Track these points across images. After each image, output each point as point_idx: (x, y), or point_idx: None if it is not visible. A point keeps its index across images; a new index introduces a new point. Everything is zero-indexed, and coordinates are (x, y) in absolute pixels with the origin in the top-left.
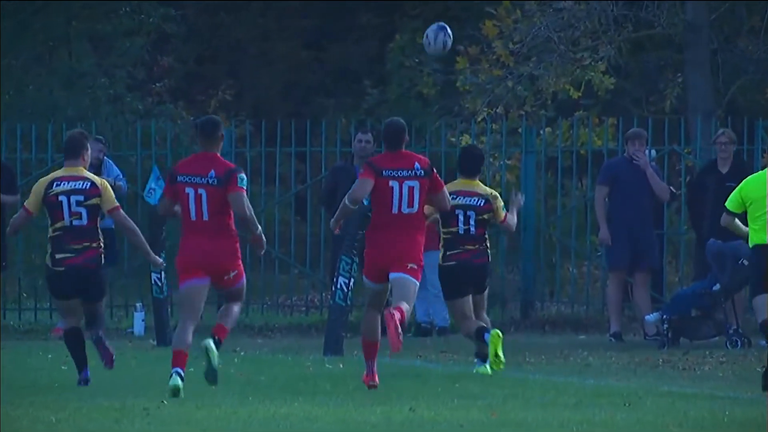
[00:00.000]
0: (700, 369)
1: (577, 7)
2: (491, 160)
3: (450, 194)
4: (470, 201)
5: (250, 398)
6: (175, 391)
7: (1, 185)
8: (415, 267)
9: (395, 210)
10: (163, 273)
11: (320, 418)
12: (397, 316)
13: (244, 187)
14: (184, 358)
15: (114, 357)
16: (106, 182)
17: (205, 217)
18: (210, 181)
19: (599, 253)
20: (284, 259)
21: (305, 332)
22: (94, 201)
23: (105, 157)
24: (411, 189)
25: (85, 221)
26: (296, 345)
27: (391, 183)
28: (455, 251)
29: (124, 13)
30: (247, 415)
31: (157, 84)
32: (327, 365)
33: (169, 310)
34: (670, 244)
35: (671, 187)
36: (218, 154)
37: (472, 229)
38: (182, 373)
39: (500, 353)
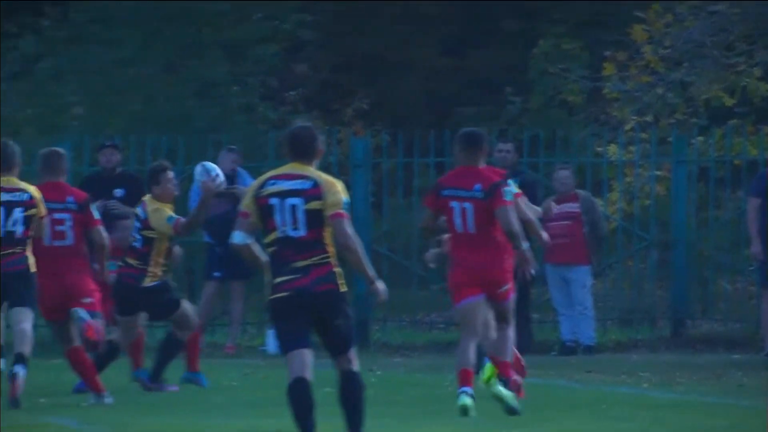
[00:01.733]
0: None
1: (731, 9)
2: (639, 170)
3: None
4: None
5: (387, 419)
6: (464, 410)
7: (130, 198)
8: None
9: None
10: None
11: None
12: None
13: (510, 200)
14: (469, 377)
15: None
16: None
17: (472, 230)
18: (476, 195)
19: (752, 268)
20: (423, 275)
21: (444, 350)
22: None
23: (239, 168)
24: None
25: None
26: (435, 363)
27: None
28: None
29: (257, 19)
30: None
31: (291, 93)
32: None
33: None
34: None
35: None
36: (481, 167)
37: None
38: (470, 392)
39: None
